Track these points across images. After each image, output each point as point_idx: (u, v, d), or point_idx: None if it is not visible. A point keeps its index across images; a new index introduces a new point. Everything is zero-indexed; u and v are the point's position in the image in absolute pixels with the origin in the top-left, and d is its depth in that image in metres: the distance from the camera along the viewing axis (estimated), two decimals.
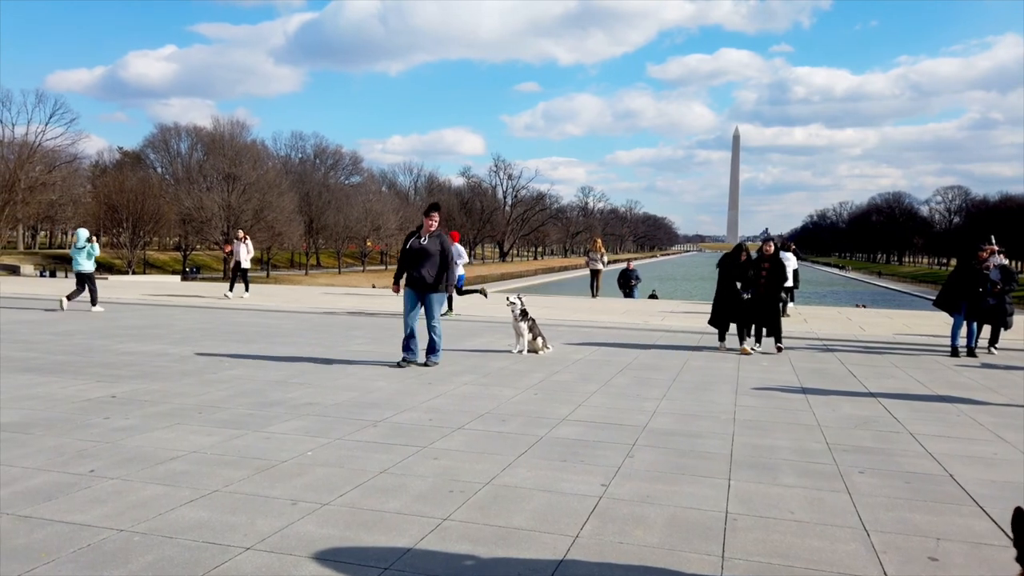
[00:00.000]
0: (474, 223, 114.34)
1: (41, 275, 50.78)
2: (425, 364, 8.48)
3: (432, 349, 8.57)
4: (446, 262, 8.42)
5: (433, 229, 8.46)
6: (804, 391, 7.64)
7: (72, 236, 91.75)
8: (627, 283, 23.34)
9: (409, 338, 8.44)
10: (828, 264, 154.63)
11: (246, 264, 19.09)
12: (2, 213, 57.02)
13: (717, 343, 10.91)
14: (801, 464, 4.93)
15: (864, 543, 3.59)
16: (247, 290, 19.33)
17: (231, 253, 18.46)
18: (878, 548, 3.53)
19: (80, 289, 15.08)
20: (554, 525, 3.71)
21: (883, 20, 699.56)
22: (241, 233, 19.87)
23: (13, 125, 67.61)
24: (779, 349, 10.54)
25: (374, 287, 33.56)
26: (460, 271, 15.14)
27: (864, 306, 27.74)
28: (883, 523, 3.86)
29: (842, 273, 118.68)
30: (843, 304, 38.53)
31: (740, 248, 10.85)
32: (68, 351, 9.18)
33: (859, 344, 11.89)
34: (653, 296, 29.41)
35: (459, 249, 15.16)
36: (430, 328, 8.48)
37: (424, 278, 8.34)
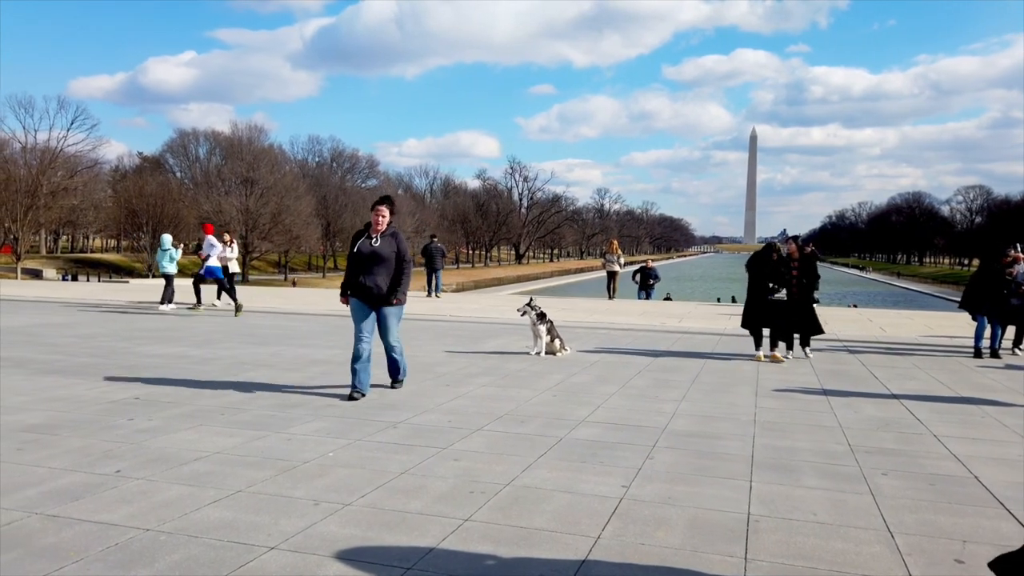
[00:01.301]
0: (490, 225, 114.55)
1: (63, 279, 51.47)
2: (392, 386, 7.25)
3: (395, 369, 7.26)
4: (402, 267, 6.89)
5: (384, 227, 6.87)
6: (825, 393, 7.59)
7: (92, 240, 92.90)
8: (645, 281, 23.25)
9: (358, 361, 6.78)
10: (847, 265, 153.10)
11: (234, 268, 16.74)
12: (25, 218, 57.80)
13: (754, 351, 10.01)
14: (823, 466, 4.90)
15: (889, 545, 3.56)
16: (220, 297, 16.92)
17: (207, 259, 16.59)
18: (903, 550, 3.50)
19: (169, 289, 15.95)
20: (575, 526, 3.71)
21: (901, 19, 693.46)
22: (227, 236, 17.31)
23: (36, 131, 68.73)
24: (806, 354, 10.15)
25: None
26: (214, 262, 15.44)
27: (855, 306, 27.41)
28: (907, 525, 3.83)
29: (862, 274, 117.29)
30: (863, 305, 38.19)
31: (771, 248, 10.12)
32: (91, 353, 9.30)
33: (880, 345, 11.78)
34: (667, 299, 29.32)
35: (211, 240, 15.56)
36: (389, 349, 7.03)
37: (376, 288, 6.77)
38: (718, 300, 36.15)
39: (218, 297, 16.84)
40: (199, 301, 16.13)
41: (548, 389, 7.45)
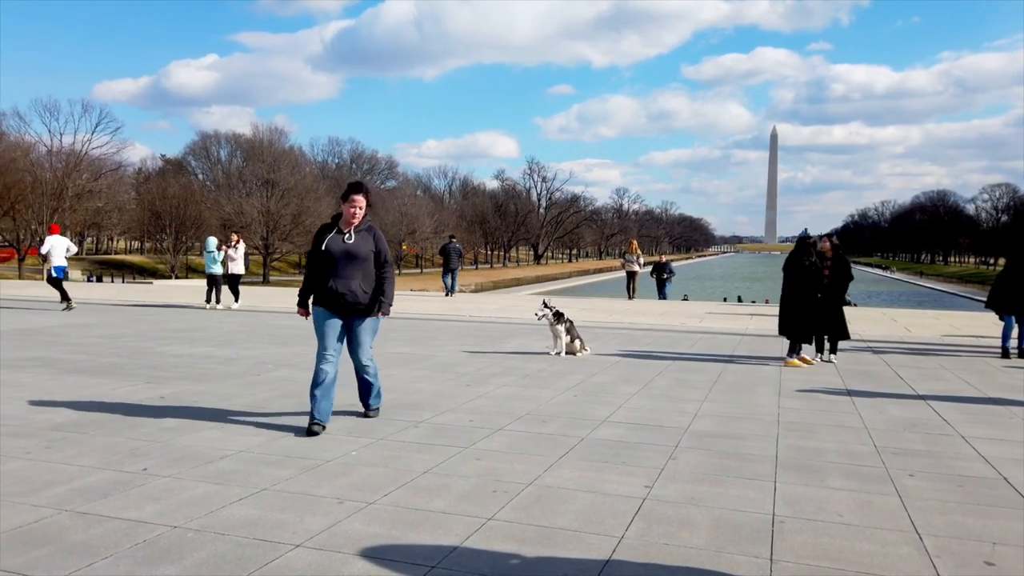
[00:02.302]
0: (508, 226, 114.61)
1: (88, 280, 52.20)
2: (366, 414, 6.05)
3: (368, 393, 6.04)
4: (384, 270, 5.72)
5: (359, 221, 5.63)
6: (849, 393, 7.51)
7: (116, 242, 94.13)
8: (660, 275, 23.15)
9: (319, 385, 5.49)
10: (870, 264, 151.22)
11: (240, 270, 17.07)
12: (51, 220, 58.64)
13: (788, 355, 9.40)
14: (848, 467, 4.84)
15: (917, 547, 3.52)
16: (236, 300, 16.99)
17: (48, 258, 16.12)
18: (931, 552, 3.45)
19: (213, 289, 16.92)
20: (599, 526, 3.70)
21: (925, 16, 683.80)
22: (235, 237, 17.48)
23: (61, 135, 69.72)
24: (831, 359, 9.69)
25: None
26: (60, 262, 15.79)
27: (853, 304, 26.93)
28: (936, 527, 3.78)
29: (886, 274, 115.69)
30: (885, 305, 37.75)
31: (808, 243, 9.29)
32: (117, 353, 9.42)
33: (905, 345, 11.64)
34: (684, 299, 29.18)
35: (52, 240, 16.05)
36: (362, 369, 5.83)
37: (350, 295, 5.51)
38: (724, 299, 35.95)
39: (236, 299, 17.07)
40: (65, 298, 15.86)
41: (569, 389, 7.44)
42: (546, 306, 9.85)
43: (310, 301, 5.69)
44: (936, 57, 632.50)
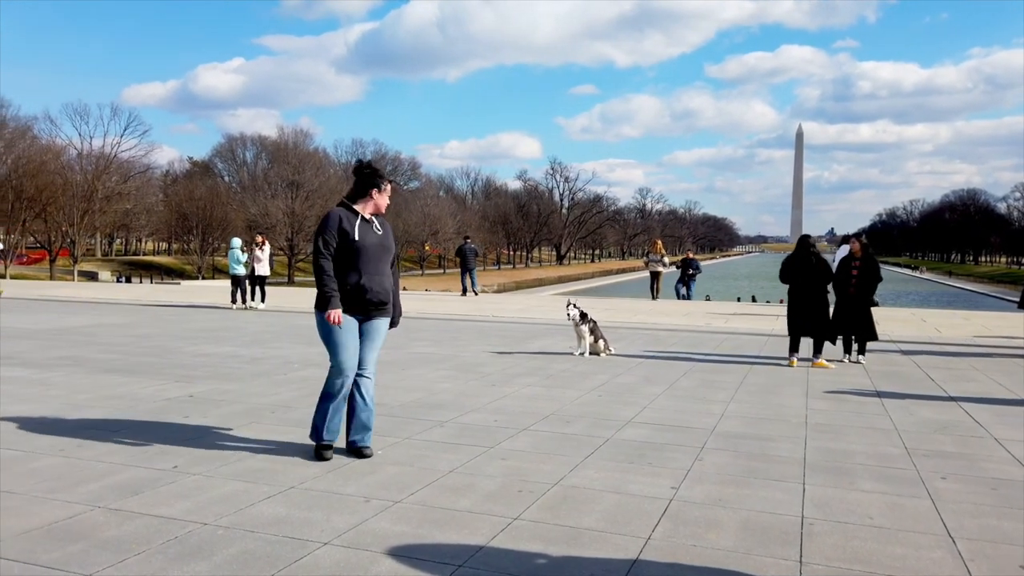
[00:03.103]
0: (531, 226, 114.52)
1: (118, 281, 53.06)
2: (361, 453, 4.82)
3: (364, 422, 4.85)
4: (397, 271, 5.06)
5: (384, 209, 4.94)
6: (879, 395, 7.40)
7: (144, 243, 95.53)
8: (685, 271, 22.98)
9: (334, 399, 4.75)
10: (898, 264, 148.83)
11: (265, 271, 17.28)
12: (81, 222, 59.71)
13: (814, 357, 9.26)
14: (878, 469, 4.78)
15: (950, 550, 3.46)
16: (262, 301, 17.40)
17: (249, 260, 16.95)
18: (965, 556, 3.39)
19: (238, 290, 17.31)
20: (625, 526, 3.68)
21: (953, 12, 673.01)
22: (260, 238, 17.75)
23: (91, 138, 70.86)
24: (858, 360, 9.54)
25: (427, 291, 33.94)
26: None
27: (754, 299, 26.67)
28: (969, 530, 3.71)
29: (916, 274, 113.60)
30: (914, 305, 37.18)
31: (811, 243, 9.39)
32: (146, 352, 9.56)
33: (935, 346, 11.45)
34: (707, 299, 28.95)
35: None
36: (362, 384, 4.84)
37: (384, 293, 4.79)
38: (738, 299, 35.56)
39: (262, 300, 17.33)
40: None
41: (593, 389, 7.41)
42: (572, 306, 9.86)
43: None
44: (965, 53, 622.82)
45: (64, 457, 4.75)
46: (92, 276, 58.23)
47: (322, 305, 4.68)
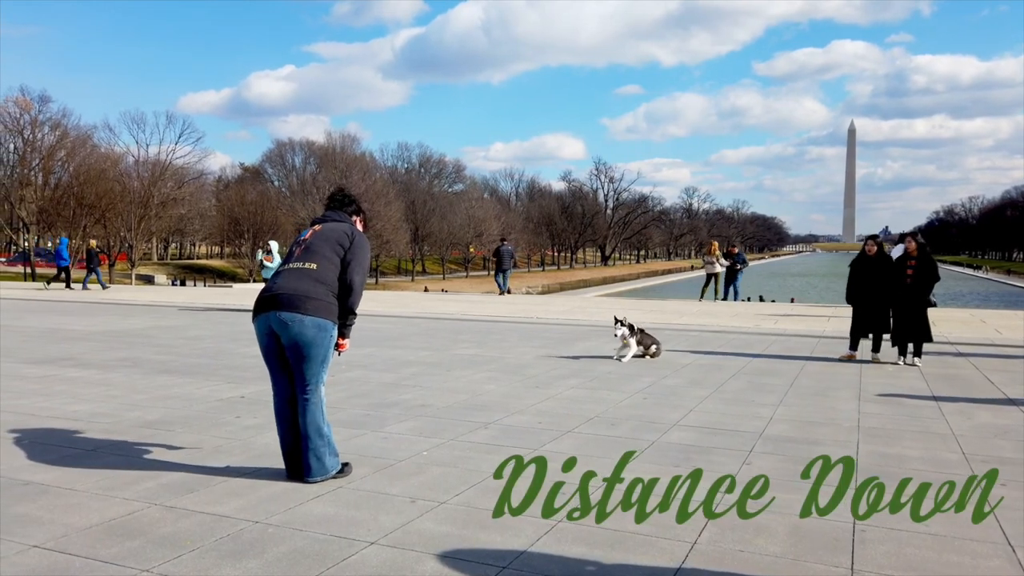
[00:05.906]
0: (575, 227, 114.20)
1: (173, 284, 54.63)
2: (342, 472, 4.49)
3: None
4: None
5: None
6: (935, 398, 7.19)
7: (198, 247, 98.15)
8: (731, 266, 22.58)
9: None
10: (958, 263, 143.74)
11: None
12: (138, 227, 61.56)
13: (873, 352, 9.69)
14: (934, 475, 4.64)
15: (1009, 559, 3.35)
16: None
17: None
18: None
19: None
20: (671, 531, 3.65)
21: (1013, 3, 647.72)
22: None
23: (147, 145, 73.03)
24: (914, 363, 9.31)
25: (444, 291, 34.05)
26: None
27: (793, 300, 25.82)
28: None
29: (979, 273, 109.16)
30: (973, 306, 35.96)
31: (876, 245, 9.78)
32: (200, 354, 9.83)
33: (995, 348, 11.06)
34: (760, 299, 28.43)
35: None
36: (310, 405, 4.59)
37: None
38: (760, 299, 34.63)
39: None
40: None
41: (638, 392, 7.36)
42: (620, 323, 9.55)
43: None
44: None
45: (122, 456, 4.91)
46: (149, 280, 60.03)
47: (347, 333, 4.57)
